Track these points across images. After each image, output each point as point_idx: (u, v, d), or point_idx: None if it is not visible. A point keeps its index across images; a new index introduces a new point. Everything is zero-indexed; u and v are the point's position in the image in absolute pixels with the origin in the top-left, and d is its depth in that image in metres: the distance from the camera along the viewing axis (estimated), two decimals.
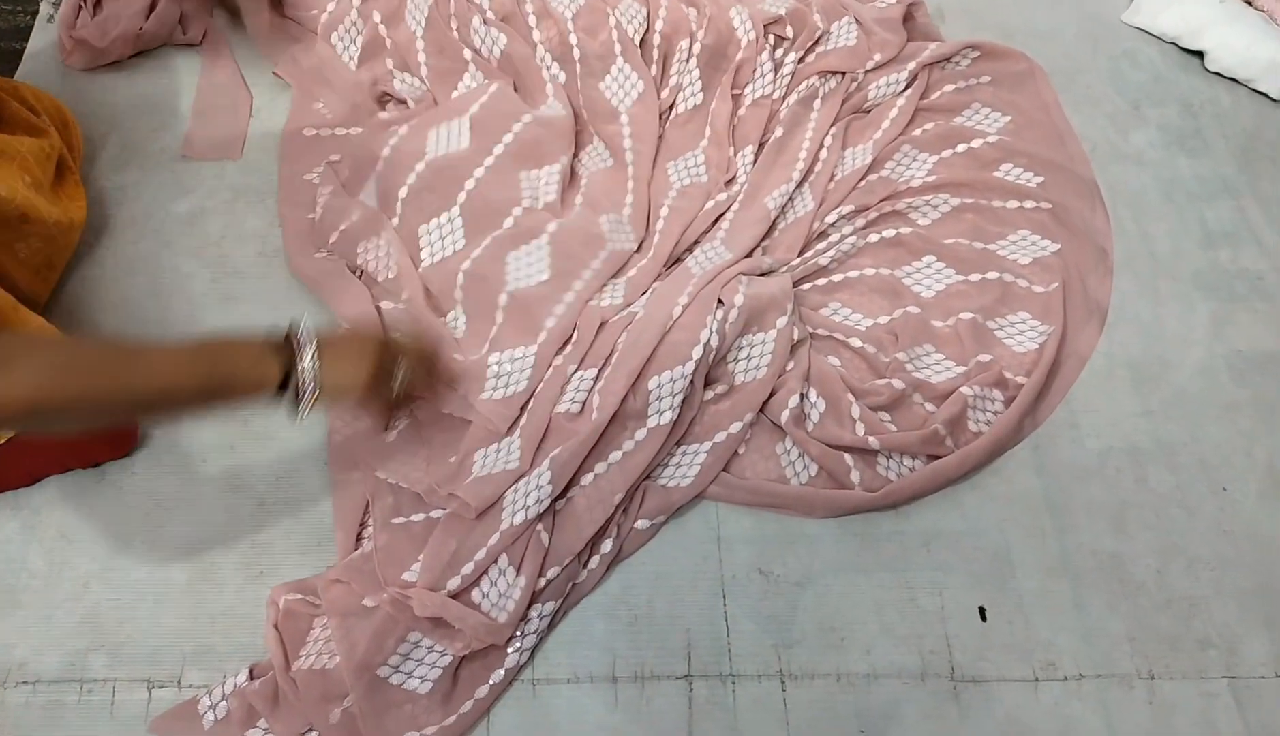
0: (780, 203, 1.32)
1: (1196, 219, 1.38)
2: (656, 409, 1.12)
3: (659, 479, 1.13)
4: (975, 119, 1.45)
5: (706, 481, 1.12)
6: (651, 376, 1.12)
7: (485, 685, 1.01)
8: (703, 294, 1.17)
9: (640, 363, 1.12)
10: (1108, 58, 1.57)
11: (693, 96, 1.42)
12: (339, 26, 1.45)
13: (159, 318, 1.23)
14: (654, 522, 1.11)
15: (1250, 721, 1.03)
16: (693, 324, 1.14)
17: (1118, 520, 1.14)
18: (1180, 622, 1.08)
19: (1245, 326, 1.28)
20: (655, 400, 1.12)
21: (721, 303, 1.17)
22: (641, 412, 1.12)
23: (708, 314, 1.14)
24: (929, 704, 1.03)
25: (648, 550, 1.11)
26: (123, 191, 1.35)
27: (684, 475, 1.13)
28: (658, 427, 1.11)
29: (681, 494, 1.12)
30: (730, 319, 1.15)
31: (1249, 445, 1.19)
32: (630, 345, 1.14)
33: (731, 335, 1.15)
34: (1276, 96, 1.51)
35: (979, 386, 1.16)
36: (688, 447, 1.14)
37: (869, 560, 1.11)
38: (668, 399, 1.12)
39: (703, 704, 1.02)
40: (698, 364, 1.13)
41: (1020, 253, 1.32)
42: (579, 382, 1.14)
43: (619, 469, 1.10)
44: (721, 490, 1.13)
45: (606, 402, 1.10)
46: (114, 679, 1.01)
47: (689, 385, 1.12)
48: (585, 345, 1.16)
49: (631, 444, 1.11)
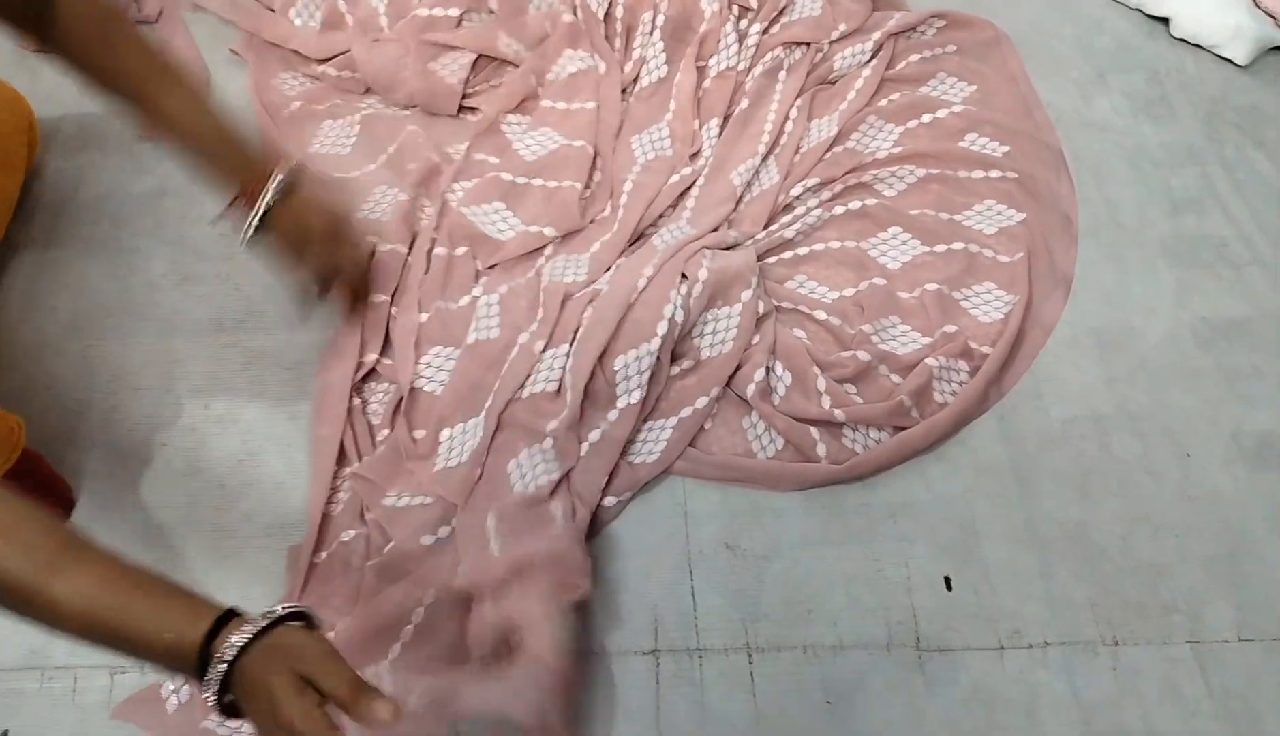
0: (746, 178, 1.31)
1: (1162, 186, 1.38)
2: (625, 388, 1.12)
3: (627, 455, 1.13)
4: (941, 89, 1.45)
5: (673, 457, 1.12)
6: (617, 355, 1.11)
7: None
8: (666, 268, 1.16)
9: (605, 339, 1.11)
10: (1074, 25, 1.56)
11: (657, 70, 1.41)
12: (297, 2, 1.43)
13: (118, 299, 1.22)
14: (620, 500, 1.11)
15: (1213, 685, 1.03)
16: (657, 300, 1.14)
17: (1082, 488, 1.14)
18: (1145, 589, 1.09)
19: (1210, 293, 1.29)
20: (623, 380, 1.12)
21: (685, 277, 1.16)
22: (610, 394, 1.12)
23: (671, 289, 1.14)
24: (895, 674, 1.03)
25: (614, 526, 1.11)
26: (81, 173, 1.33)
27: (650, 451, 1.13)
28: (628, 408, 1.11)
29: (648, 470, 1.12)
30: (694, 294, 1.15)
31: (1213, 412, 1.20)
32: (595, 322, 1.13)
33: (696, 310, 1.15)
34: (1241, 62, 1.50)
35: (944, 357, 1.16)
36: (654, 423, 1.14)
37: (835, 533, 1.11)
38: (635, 378, 1.11)
39: (670, 678, 1.02)
40: (663, 340, 1.12)
41: (986, 223, 1.32)
42: (552, 361, 1.14)
43: (596, 452, 1.10)
44: (688, 465, 1.13)
45: (576, 383, 1.10)
46: (75, 665, 1.01)
47: (655, 362, 1.12)
48: (551, 322, 1.16)
49: (607, 424, 1.12)
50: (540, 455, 1.08)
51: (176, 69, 0.86)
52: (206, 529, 1.08)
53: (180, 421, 1.15)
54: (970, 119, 1.39)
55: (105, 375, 1.18)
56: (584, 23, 1.41)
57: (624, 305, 1.14)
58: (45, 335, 1.20)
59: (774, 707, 1.01)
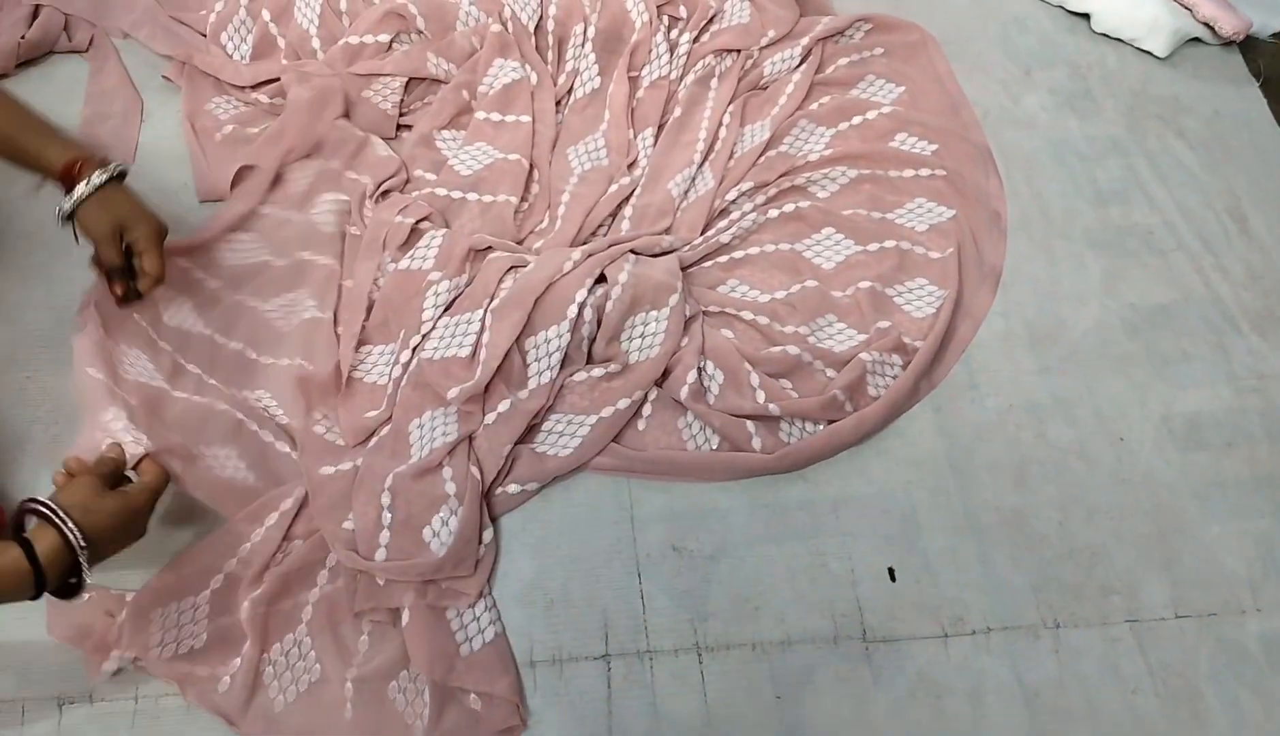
0: (684, 187, 1.33)
1: (1088, 178, 1.41)
2: (536, 369, 1.14)
3: (535, 444, 1.14)
4: (870, 91, 1.47)
5: (588, 454, 1.13)
6: (529, 336, 1.14)
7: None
8: (589, 262, 1.18)
9: (523, 318, 1.14)
10: (998, 24, 1.59)
11: (590, 81, 1.42)
12: (228, 26, 1.43)
13: (55, 327, 1.21)
14: (525, 488, 1.12)
15: (1152, 661, 1.06)
16: (573, 286, 1.16)
17: (1019, 475, 1.17)
18: (1082, 571, 1.11)
19: (1136, 281, 1.32)
20: (534, 361, 1.15)
21: (604, 280, 1.18)
22: (523, 372, 1.14)
23: (588, 277, 1.16)
24: (842, 666, 1.05)
25: (561, 533, 1.12)
26: (13, 204, 1.32)
27: (564, 445, 1.14)
28: (539, 387, 1.14)
29: (558, 464, 1.13)
30: (613, 296, 1.16)
31: (1143, 396, 1.23)
32: (514, 297, 1.16)
33: (616, 313, 1.16)
34: (1161, 54, 1.54)
35: (878, 352, 1.18)
36: (573, 418, 1.15)
37: (780, 530, 1.12)
38: (545, 359, 1.14)
39: (621, 682, 1.03)
40: (572, 324, 1.14)
41: (917, 220, 1.34)
42: (466, 326, 1.16)
43: (504, 420, 1.12)
44: (618, 462, 1.14)
45: (490, 358, 1.12)
46: (23, 698, 1.00)
47: (566, 344, 1.14)
48: (462, 271, 1.21)
49: (517, 399, 1.13)
50: (442, 417, 1.11)
51: None
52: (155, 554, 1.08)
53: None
54: (899, 119, 1.41)
55: (45, 406, 1.17)
56: (513, 34, 1.42)
57: (545, 283, 1.15)
58: None
59: (725, 706, 1.03)
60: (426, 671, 0.99)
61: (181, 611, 1.02)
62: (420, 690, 1.00)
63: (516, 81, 1.39)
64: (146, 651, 0.99)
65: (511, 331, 1.13)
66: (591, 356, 1.19)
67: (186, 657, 1.00)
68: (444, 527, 1.06)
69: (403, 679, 1.02)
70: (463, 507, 1.06)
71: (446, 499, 1.07)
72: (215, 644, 1.02)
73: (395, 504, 1.07)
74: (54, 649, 1.02)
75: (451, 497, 1.07)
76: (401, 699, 1.01)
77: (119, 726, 0.99)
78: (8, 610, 1.01)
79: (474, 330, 1.15)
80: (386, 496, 1.07)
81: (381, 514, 1.06)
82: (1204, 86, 1.52)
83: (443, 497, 1.07)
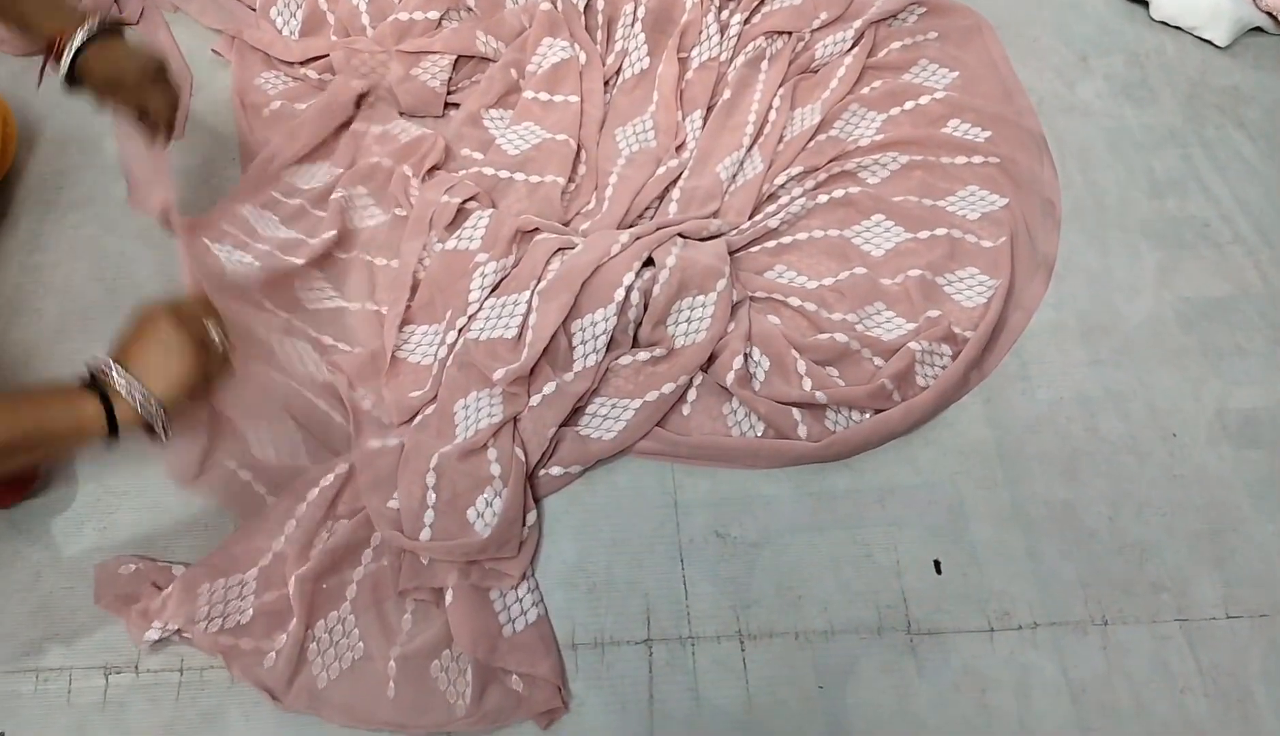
0: (732, 170, 1.32)
1: (1143, 168, 1.39)
2: (582, 352, 1.14)
3: (579, 427, 1.14)
4: (923, 76, 1.45)
5: (631, 439, 1.13)
6: (575, 318, 1.14)
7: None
8: (636, 245, 1.18)
9: (570, 301, 1.13)
10: (1054, 10, 1.57)
11: (639, 61, 1.41)
12: (277, 2, 1.43)
13: (103, 300, 1.22)
14: (568, 471, 1.12)
15: (1203, 662, 1.04)
16: (620, 269, 1.15)
17: (1069, 469, 1.15)
18: (1132, 567, 1.09)
19: (1192, 273, 1.29)
20: (580, 344, 1.14)
21: (652, 263, 1.17)
22: (569, 355, 1.14)
23: (636, 260, 1.16)
24: (886, 657, 1.04)
25: (604, 516, 1.11)
26: (64, 176, 1.33)
27: (608, 429, 1.13)
28: (584, 370, 1.13)
29: (601, 447, 1.12)
30: (660, 280, 1.16)
31: (1197, 390, 1.21)
32: (561, 279, 1.15)
33: (663, 297, 1.16)
34: (1221, 44, 1.51)
35: (927, 341, 1.17)
36: (617, 402, 1.14)
37: (825, 518, 1.11)
38: (591, 342, 1.14)
39: (663, 667, 1.03)
40: (618, 308, 1.14)
41: (969, 208, 1.32)
42: (513, 306, 1.16)
43: (549, 403, 1.12)
44: (662, 447, 1.14)
45: (537, 339, 1.11)
46: (70, 667, 1.01)
47: (612, 328, 1.14)
48: (510, 253, 1.21)
49: (563, 381, 1.13)
50: (487, 398, 1.11)
51: None
52: (200, 528, 1.09)
53: None
54: (952, 105, 1.39)
55: None
56: (563, 13, 1.41)
57: (592, 266, 1.15)
58: (32, 339, 1.19)
59: (766, 694, 1.02)
60: (469, 651, 0.99)
61: (229, 587, 1.03)
62: (463, 669, 1.00)
63: (565, 61, 1.38)
64: (191, 624, 1.00)
65: (559, 314, 1.12)
66: (637, 340, 1.18)
67: (232, 631, 1.01)
68: (488, 509, 1.06)
69: (445, 658, 1.02)
70: (507, 489, 1.06)
71: (491, 480, 1.07)
72: (261, 619, 1.02)
73: (440, 484, 1.06)
74: (101, 619, 1.03)
75: (496, 479, 1.07)
76: (444, 678, 1.01)
77: (164, 697, 1.00)
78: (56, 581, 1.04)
79: (520, 312, 1.15)
80: (431, 476, 1.07)
81: (426, 493, 1.06)
82: (1265, 77, 1.49)
83: (487, 479, 1.07)
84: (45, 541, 1.07)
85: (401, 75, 1.37)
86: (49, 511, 1.09)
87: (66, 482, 1.10)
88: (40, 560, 1.06)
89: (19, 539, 1.07)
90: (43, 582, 1.05)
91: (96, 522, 1.08)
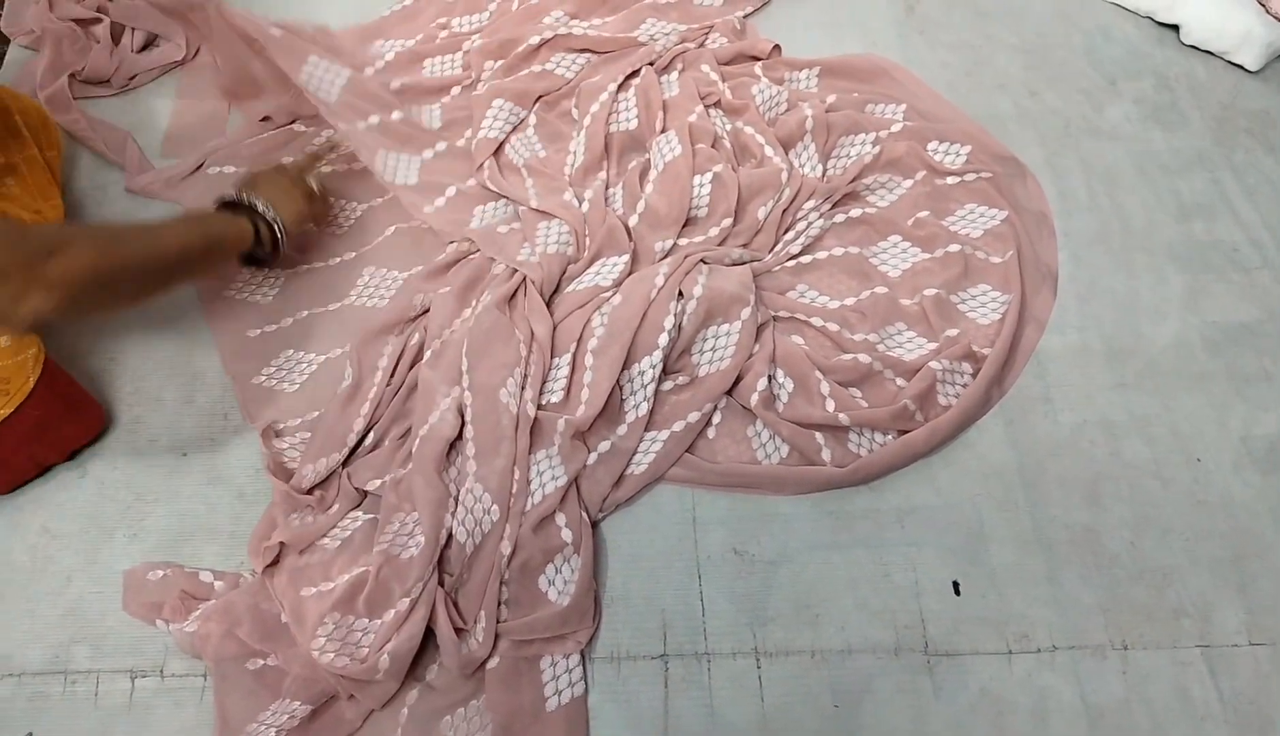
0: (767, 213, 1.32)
1: (1171, 192, 1.39)
2: (633, 402, 1.14)
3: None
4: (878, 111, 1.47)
5: (661, 469, 1.14)
6: (623, 371, 1.14)
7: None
8: (669, 282, 1.18)
9: (623, 354, 1.14)
10: (1082, 34, 1.57)
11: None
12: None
13: (139, 313, 1.24)
14: (605, 510, 1.13)
15: (1224, 689, 1.03)
16: (658, 315, 1.16)
17: (1091, 492, 1.15)
18: (1154, 593, 1.09)
19: (1219, 297, 1.29)
20: (630, 394, 1.14)
21: (681, 295, 1.18)
22: (619, 407, 1.14)
23: (670, 301, 1.16)
24: (903, 678, 1.04)
25: (623, 533, 1.12)
26: (103, 192, 1.36)
27: (638, 462, 1.14)
28: (636, 420, 1.14)
29: (635, 481, 1.13)
30: (688, 310, 1.17)
31: (1222, 416, 1.20)
32: (612, 333, 1.16)
33: (690, 327, 1.17)
34: (1252, 68, 1.51)
35: (948, 360, 1.17)
36: (645, 434, 1.15)
37: (843, 537, 1.12)
38: (641, 391, 1.14)
39: (678, 682, 1.03)
40: (664, 352, 1.14)
41: (972, 226, 1.33)
42: (556, 371, 1.16)
43: (603, 462, 1.12)
44: (692, 473, 1.14)
45: (595, 395, 1.12)
46: (97, 670, 1.03)
47: (659, 372, 1.15)
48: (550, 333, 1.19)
49: (616, 437, 1.13)
50: (547, 459, 1.10)
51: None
52: (224, 536, 1.10)
53: (199, 432, 1.17)
54: (920, 133, 1.40)
55: (127, 387, 1.20)
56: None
57: (639, 314, 1.15)
58: (68, 348, 1.22)
59: (781, 712, 1.02)
60: (502, 723, 0.98)
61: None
62: (473, 732, 0.99)
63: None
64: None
65: (611, 368, 1.13)
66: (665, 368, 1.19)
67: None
68: (558, 576, 1.05)
69: (458, 716, 1.00)
70: (578, 556, 1.06)
71: (563, 547, 1.06)
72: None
73: (515, 556, 1.05)
74: (127, 623, 1.04)
75: (568, 546, 1.06)
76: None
77: (188, 701, 1.01)
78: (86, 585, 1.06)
79: (564, 374, 1.16)
80: (507, 545, 1.05)
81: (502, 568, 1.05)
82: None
83: (559, 546, 1.06)
84: (76, 546, 1.09)
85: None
86: (81, 517, 1.11)
87: (98, 487, 1.13)
88: (71, 565, 1.08)
89: (51, 543, 1.09)
90: (73, 587, 1.07)
91: (127, 529, 1.10)
